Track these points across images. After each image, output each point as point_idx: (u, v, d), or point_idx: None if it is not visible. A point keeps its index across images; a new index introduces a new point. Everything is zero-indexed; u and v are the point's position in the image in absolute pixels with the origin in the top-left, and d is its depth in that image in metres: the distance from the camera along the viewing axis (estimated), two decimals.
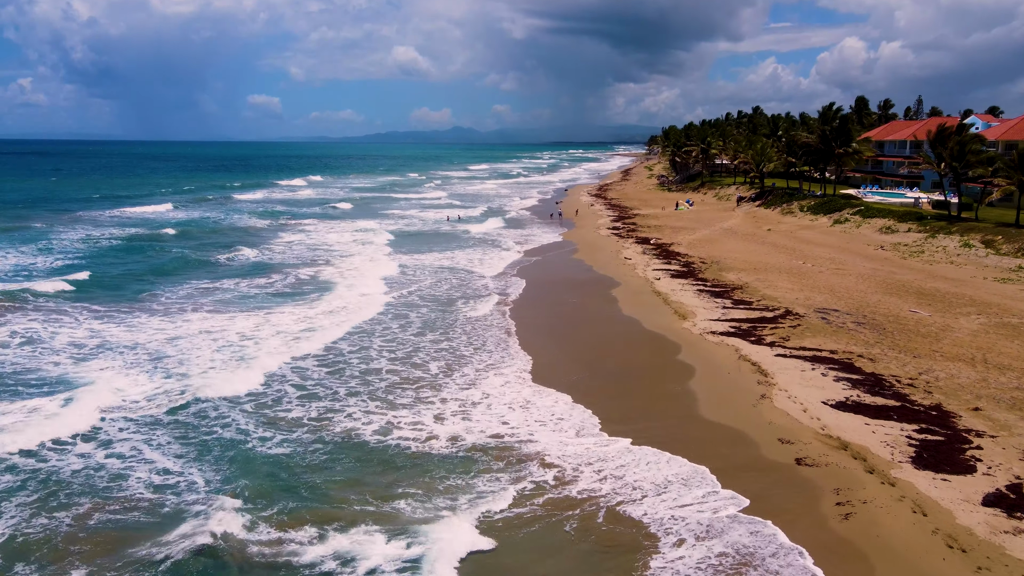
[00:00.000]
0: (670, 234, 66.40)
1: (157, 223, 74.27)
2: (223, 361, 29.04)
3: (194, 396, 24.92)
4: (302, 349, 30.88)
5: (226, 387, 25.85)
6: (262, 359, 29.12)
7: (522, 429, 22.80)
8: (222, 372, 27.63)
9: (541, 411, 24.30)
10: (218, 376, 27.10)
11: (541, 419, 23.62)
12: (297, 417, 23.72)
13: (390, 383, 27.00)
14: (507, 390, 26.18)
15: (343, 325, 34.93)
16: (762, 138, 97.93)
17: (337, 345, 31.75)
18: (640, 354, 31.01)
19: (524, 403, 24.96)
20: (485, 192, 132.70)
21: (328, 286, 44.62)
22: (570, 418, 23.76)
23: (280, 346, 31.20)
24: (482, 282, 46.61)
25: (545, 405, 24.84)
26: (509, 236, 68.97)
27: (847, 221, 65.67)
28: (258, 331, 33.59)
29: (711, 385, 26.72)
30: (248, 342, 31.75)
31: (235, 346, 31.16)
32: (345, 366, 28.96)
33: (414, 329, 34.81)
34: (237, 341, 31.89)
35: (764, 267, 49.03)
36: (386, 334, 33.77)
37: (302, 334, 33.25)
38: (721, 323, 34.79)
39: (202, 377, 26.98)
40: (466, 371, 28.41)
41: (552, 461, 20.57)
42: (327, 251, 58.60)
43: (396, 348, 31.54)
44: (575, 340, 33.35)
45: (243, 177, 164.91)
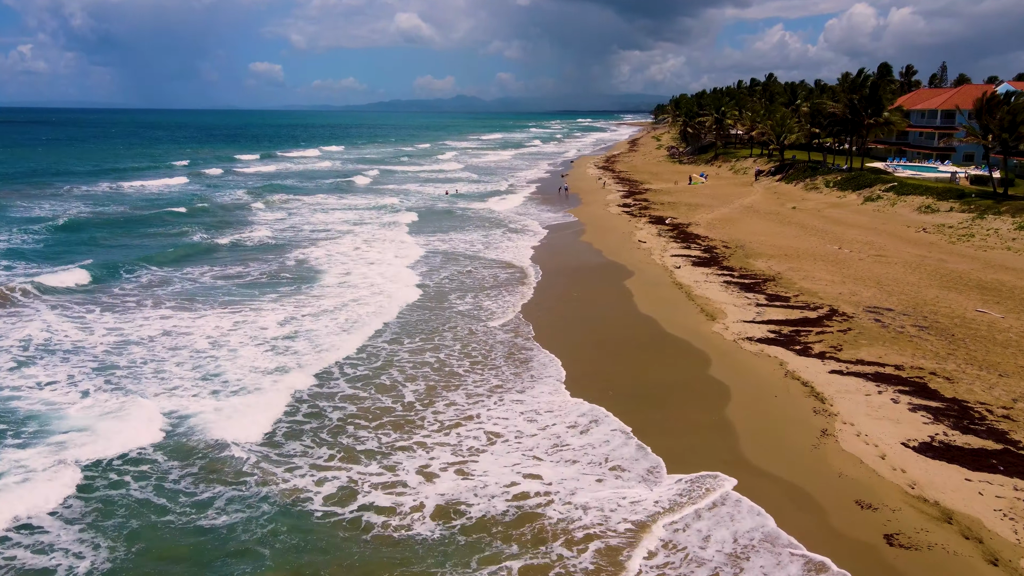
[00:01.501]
0: (686, 212, 60.97)
1: (155, 199, 69.04)
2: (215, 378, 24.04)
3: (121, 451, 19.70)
4: (323, 361, 25.90)
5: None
6: (243, 374, 24.10)
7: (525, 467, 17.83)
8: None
9: (542, 443, 19.32)
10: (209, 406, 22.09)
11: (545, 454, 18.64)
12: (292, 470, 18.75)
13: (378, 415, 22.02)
14: (504, 421, 21.21)
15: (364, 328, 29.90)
16: (781, 107, 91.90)
17: (375, 345, 26.71)
18: (660, 367, 25.91)
19: (520, 432, 19.98)
20: (497, 164, 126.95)
21: (347, 282, 39.49)
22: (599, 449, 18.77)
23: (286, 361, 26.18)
24: (490, 272, 41.52)
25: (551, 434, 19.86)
26: (519, 214, 63.65)
27: (879, 198, 60.16)
28: (235, 330, 28.58)
29: (754, 414, 21.66)
30: (220, 350, 26.72)
31: (206, 355, 26.18)
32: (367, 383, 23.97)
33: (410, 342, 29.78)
34: (208, 349, 26.89)
35: (796, 253, 43.72)
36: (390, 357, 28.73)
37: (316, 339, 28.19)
38: (757, 326, 29.62)
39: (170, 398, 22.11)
40: (455, 399, 23.40)
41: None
42: (347, 232, 53.32)
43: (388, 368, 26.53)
44: (577, 348, 28.22)
45: (251, 147, 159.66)
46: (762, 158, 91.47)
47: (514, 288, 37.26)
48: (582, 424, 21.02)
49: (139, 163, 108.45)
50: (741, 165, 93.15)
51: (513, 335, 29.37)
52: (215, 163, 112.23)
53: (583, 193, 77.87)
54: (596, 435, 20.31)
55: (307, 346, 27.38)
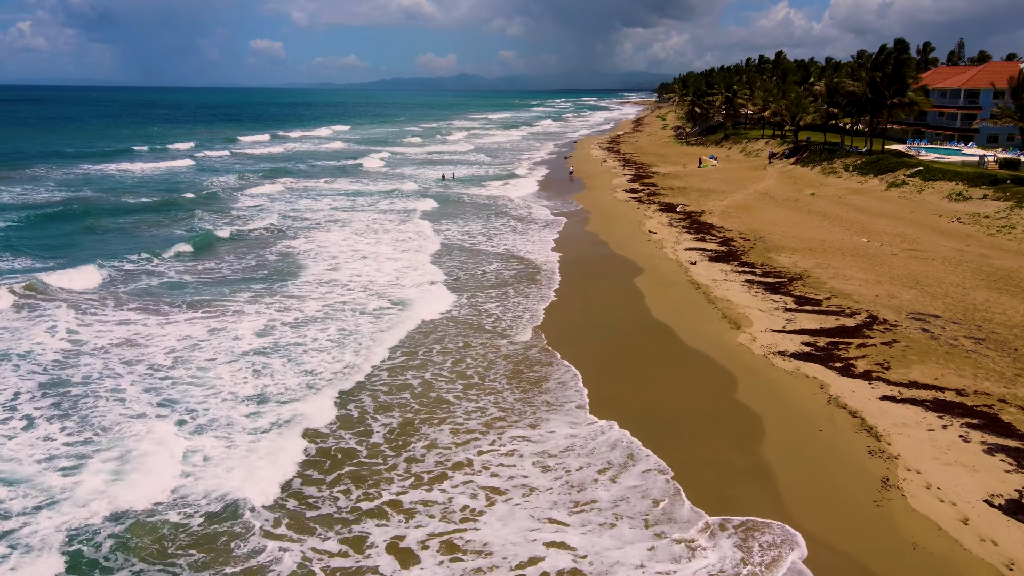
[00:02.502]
0: (698, 199, 57.18)
1: (158, 182, 65.31)
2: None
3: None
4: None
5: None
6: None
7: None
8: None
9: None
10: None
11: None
12: None
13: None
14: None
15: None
16: (795, 86, 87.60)
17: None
18: (678, 389, 22.39)
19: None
20: (504, 144, 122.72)
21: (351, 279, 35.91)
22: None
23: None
24: (490, 268, 37.92)
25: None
26: (523, 201, 59.94)
27: (905, 184, 56.32)
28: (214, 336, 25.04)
29: (796, 455, 18.16)
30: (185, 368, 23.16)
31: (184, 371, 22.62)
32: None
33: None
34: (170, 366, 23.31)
35: (821, 246, 40.04)
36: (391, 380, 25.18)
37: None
38: (788, 337, 26.04)
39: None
40: (439, 438, 19.86)
41: None
42: (351, 222, 49.64)
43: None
44: (579, 361, 24.66)
45: (255, 127, 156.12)
46: (775, 140, 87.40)
47: (516, 288, 33.66)
48: (611, 462, 17.54)
49: (140, 144, 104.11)
50: (753, 147, 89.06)
51: (508, 344, 25.85)
52: (220, 145, 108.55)
53: (587, 177, 74.00)
54: (628, 479, 16.81)
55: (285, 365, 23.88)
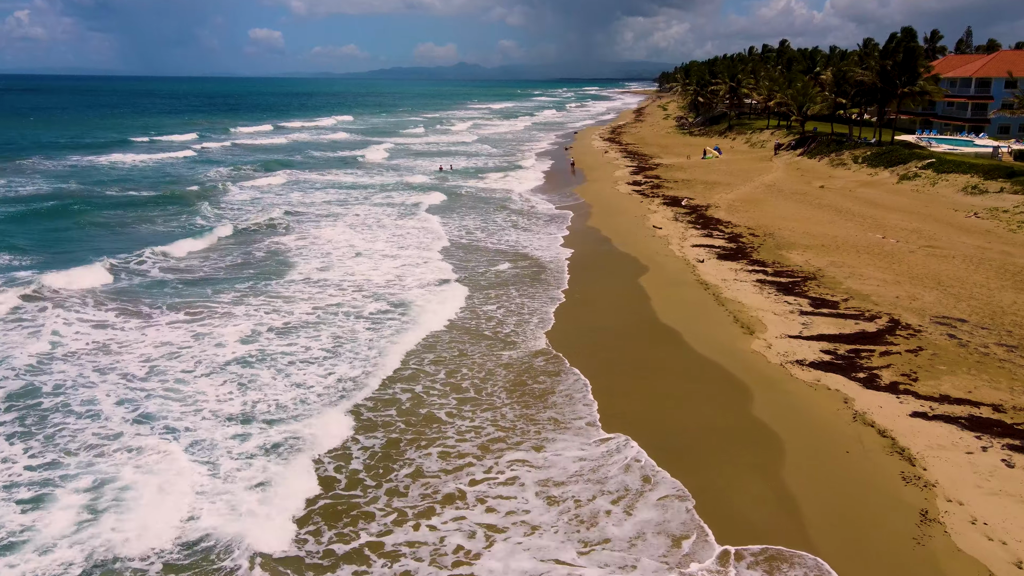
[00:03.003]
0: (703, 192, 55.35)
1: (156, 174, 63.46)
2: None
3: None
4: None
5: None
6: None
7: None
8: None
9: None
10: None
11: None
12: None
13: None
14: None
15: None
16: (801, 75, 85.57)
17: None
18: (690, 403, 20.68)
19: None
20: (508, 135, 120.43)
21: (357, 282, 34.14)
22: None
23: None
24: (491, 266, 36.12)
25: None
26: (523, 194, 58.13)
27: (917, 177, 54.46)
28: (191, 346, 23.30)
29: (822, 481, 16.49)
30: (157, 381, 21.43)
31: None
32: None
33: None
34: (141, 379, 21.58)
35: (834, 243, 38.27)
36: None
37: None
38: (806, 343, 24.31)
39: None
40: (427, 465, 18.14)
41: None
42: (357, 215, 47.87)
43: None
44: (585, 370, 22.94)
45: (257, 117, 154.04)
46: (780, 130, 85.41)
47: (518, 288, 31.90)
48: (626, 487, 15.90)
49: (138, 134, 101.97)
50: (758, 138, 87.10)
51: (510, 351, 24.12)
52: (220, 135, 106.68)
53: (588, 169, 72.10)
54: (645, 510, 15.16)
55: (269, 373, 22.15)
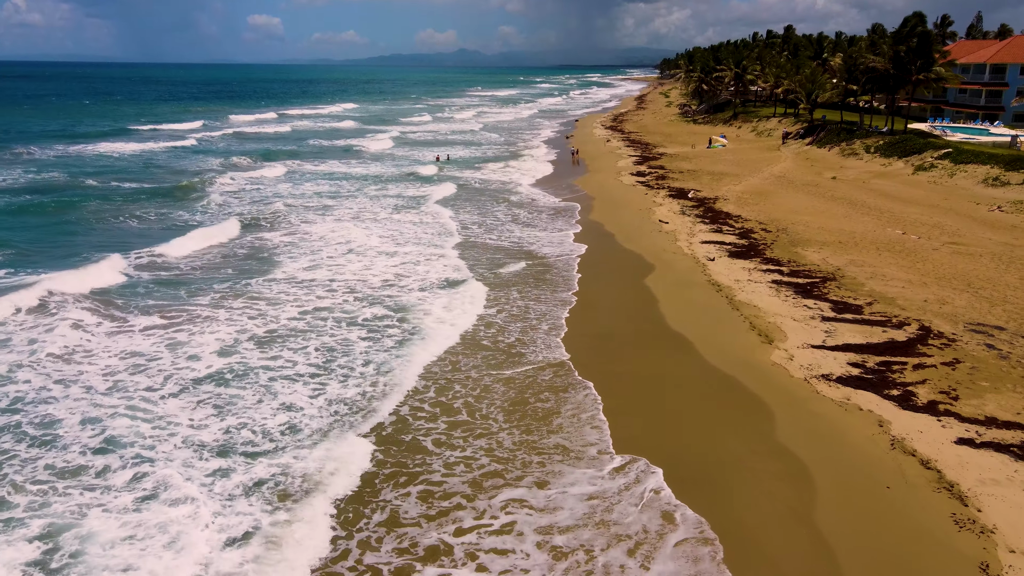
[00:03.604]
0: (710, 183, 53.16)
1: (160, 164, 61.22)
2: None
3: None
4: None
5: None
6: None
7: None
8: None
9: None
10: None
11: None
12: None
13: None
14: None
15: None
16: (809, 62, 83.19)
17: None
18: (704, 426, 18.65)
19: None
20: (511, 123, 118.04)
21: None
22: None
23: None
24: (490, 264, 34.02)
25: None
26: (522, 185, 55.97)
27: (933, 167, 52.25)
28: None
29: (860, 523, 14.50)
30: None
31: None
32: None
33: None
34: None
35: (852, 239, 36.17)
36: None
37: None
38: (831, 354, 22.26)
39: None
40: (407, 510, 16.10)
41: None
42: (367, 216, 45.72)
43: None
44: (590, 384, 20.92)
45: (260, 104, 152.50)
46: (788, 118, 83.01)
47: (521, 290, 29.81)
48: (645, 529, 13.94)
49: (135, 123, 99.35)
50: (764, 126, 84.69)
51: (503, 360, 22.09)
52: (221, 123, 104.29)
53: (590, 158, 69.82)
54: (666, 561, 13.20)
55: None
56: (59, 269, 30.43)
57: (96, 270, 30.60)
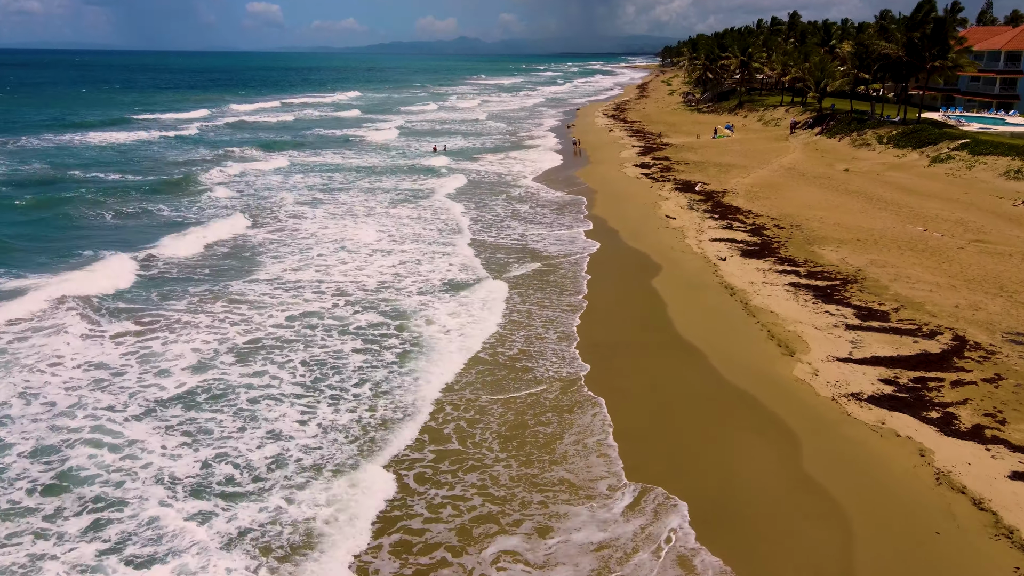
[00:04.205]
0: (718, 176, 51.13)
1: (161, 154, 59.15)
2: None
3: None
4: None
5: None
6: None
7: None
8: None
9: None
10: None
11: None
12: None
13: None
14: None
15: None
16: (817, 49, 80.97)
17: None
18: (722, 452, 16.78)
19: None
20: (515, 112, 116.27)
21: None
22: None
23: None
24: (486, 263, 32.10)
25: None
26: (523, 176, 53.98)
27: (950, 159, 50.20)
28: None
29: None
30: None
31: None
32: None
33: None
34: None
35: (870, 236, 34.20)
36: None
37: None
38: (860, 368, 20.36)
39: None
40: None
41: None
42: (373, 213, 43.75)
43: None
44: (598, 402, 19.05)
45: (262, 92, 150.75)
46: (795, 107, 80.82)
47: (522, 294, 27.91)
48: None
49: (137, 113, 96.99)
50: (771, 115, 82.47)
51: (503, 376, 20.21)
52: (222, 112, 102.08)
53: (592, 149, 67.72)
54: None
55: None
56: (34, 269, 28.62)
57: (74, 270, 28.74)
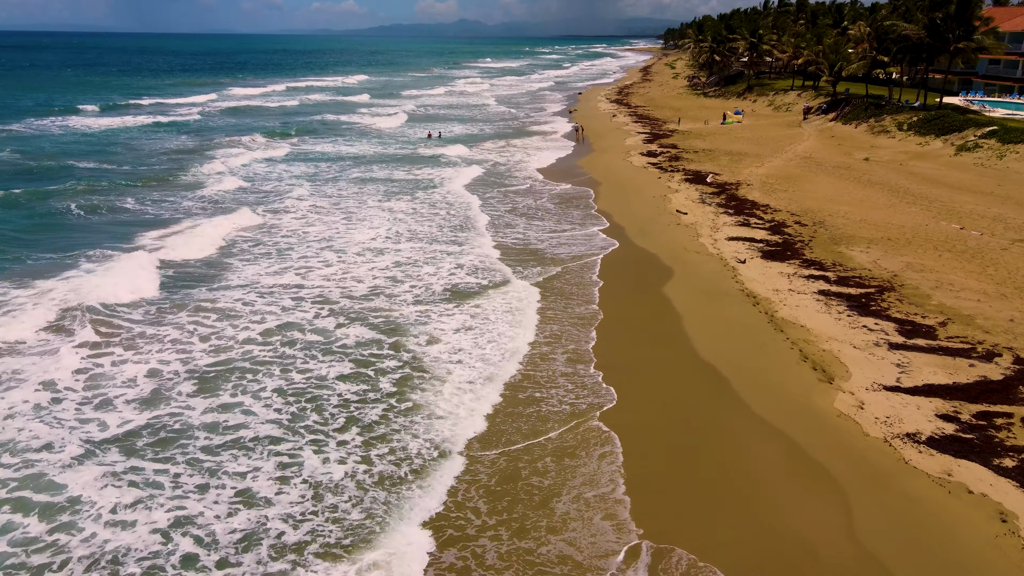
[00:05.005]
0: (730, 165, 48.04)
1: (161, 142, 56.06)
2: None
3: None
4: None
5: None
6: None
7: None
8: None
9: None
10: None
11: None
12: None
13: None
14: None
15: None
16: (830, 30, 77.55)
17: None
18: (757, 511, 13.94)
19: None
20: (523, 94, 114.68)
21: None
22: None
23: None
24: (477, 264, 29.17)
25: None
26: (523, 167, 50.94)
27: (977, 147, 47.04)
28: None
29: None
30: None
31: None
32: None
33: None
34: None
35: (902, 235, 31.19)
36: None
37: None
38: (911, 400, 17.46)
39: None
40: None
41: None
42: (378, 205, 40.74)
43: None
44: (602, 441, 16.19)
45: (267, 74, 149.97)
46: (807, 91, 77.45)
47: (512, 298, 25.02)
48: None
49: (142, 96, 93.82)
50: (782, 100, 79.08)
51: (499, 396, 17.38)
52: (224, 97, 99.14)
53: (595, 136, 64.53)
54: None
55: None
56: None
57: (33, 274, 25.83)
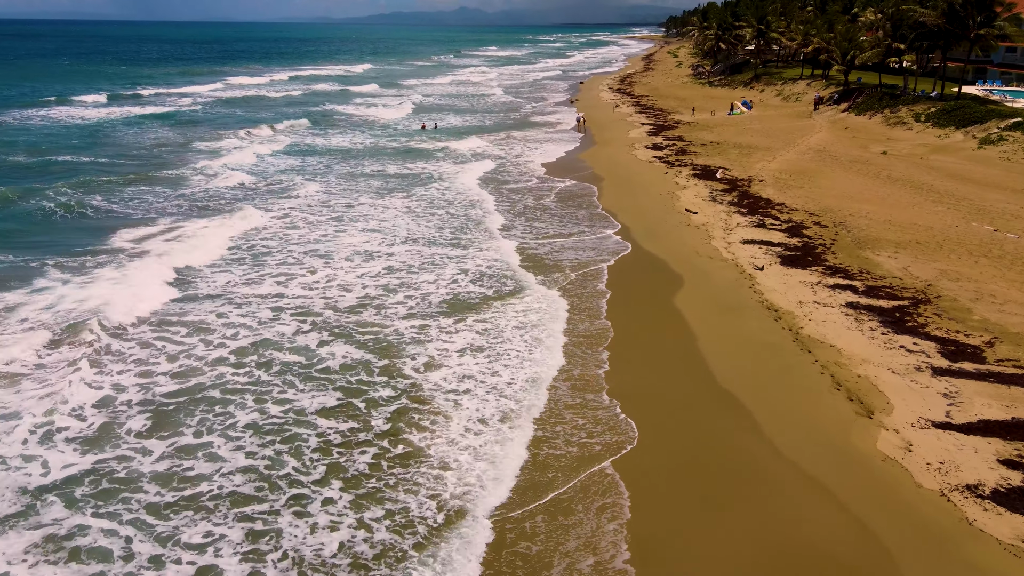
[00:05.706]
0: (740, 159, 45.51)
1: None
2: None
3: None
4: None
5: None
6: None
7: None
8: None
9: None
10: None
11: None
12: None
13: None
14: None
15: None
16: (842, 17, 74.68)
17: None
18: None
19: None
20: (528, 83, 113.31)
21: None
22: None
23: None
24: (471, 273, 26.76)
25: None
26: (523, 161, 48.46)
27: (1002, 140, 44.49)
28: None
29: None
30: None
31: None
32: None
33: None
34: None
35: (931, 238, 28.75)
36: None
37: None
38: (966, 440, 15.11)
39: None
40: None
41: None
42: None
43: None
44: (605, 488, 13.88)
45: (272, 63, 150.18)
46: (817, 80, 74.71)
47: (492, 324, 22.65)
48: None
49: (144, 86, 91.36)
50: (791, 89, 76.30)
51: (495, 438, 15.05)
52: (224, 86, 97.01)
53: (598, 128, 61.91)
54: None
55: None
56: None
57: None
